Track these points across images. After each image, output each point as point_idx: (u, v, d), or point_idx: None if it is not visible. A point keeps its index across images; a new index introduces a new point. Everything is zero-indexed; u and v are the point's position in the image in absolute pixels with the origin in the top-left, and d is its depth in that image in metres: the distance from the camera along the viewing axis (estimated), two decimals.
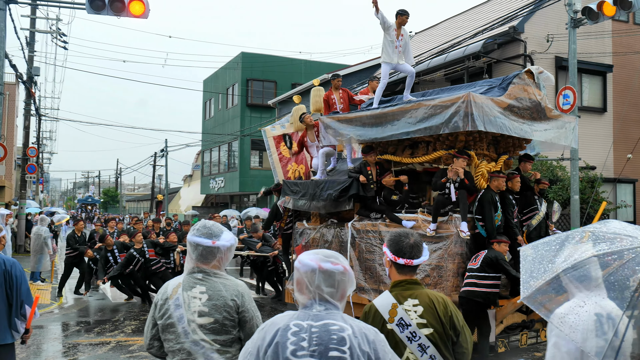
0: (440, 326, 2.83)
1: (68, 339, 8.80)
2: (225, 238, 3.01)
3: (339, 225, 8.74)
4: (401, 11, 8.33)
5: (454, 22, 21.96)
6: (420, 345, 2.81)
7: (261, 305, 11.56)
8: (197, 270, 2.98)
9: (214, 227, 3.02)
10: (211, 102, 37.01)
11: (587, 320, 2.72)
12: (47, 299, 12.20)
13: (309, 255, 2.33)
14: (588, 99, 16.22)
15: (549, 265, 2.76)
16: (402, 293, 2.90)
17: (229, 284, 2.99)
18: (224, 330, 2.91)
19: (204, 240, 2.95)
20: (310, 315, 2.26)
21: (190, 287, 2.94)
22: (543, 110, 7.58)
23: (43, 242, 13.92)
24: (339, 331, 2.20)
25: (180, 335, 2.88)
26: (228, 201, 37.77)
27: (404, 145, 8.14)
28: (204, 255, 2.96)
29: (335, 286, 2.28)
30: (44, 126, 45.28)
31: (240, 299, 2.96)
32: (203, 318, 2.89)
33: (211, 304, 2.90)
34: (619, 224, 2.87)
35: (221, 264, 3.02)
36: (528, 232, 7.70)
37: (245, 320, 2.96)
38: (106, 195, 77.76)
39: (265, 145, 11.35)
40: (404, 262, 2.88)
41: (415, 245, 2.91)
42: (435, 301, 2.89)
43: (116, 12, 10.52)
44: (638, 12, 16.66)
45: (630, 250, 2.62)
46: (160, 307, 2.98)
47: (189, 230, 3.06)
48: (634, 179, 16.58)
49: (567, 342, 2.76)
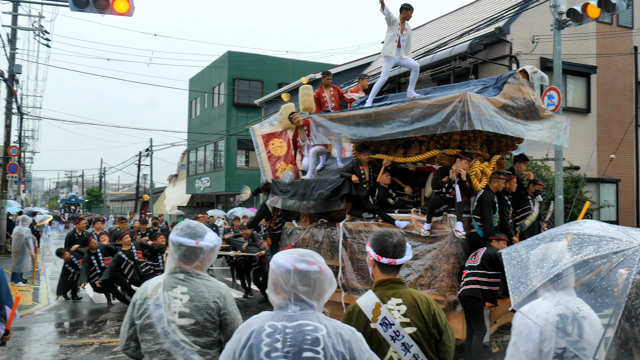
0: (424, 325, 2.84)
1: (50, 341, 8.68)
2: (209, 239, 2.98)
3: (329, 225, 8.68)
4: (406, 5, 8.14)
5: (441, 22, 22.04)
6: (404, 344, 2.81)
7: (247, 305, 11.49)
8: (179, 271, 2.94)
9: (197, 227, 2.99)
10: (197, 101, 36.80)
11: (548, 320, 2.72)
12: (28, 300, 12.02)
13: (284, 256, 2.32)
14: (572, 100, 16.36)
15: (537, 270, 2.75)
16: (386, 292, 2.90)
17: (211, 285, 2.95)
18: (204, 332, 2.87)
19: (187, 240, 2.91)
20: (285, 316, 2.26)
21: (171, 287, 2.90)
22: (537, 110, 7.60)
23: (24, 243, 13.75)
24: (313, 331, 2.20)
25: (160, 335, 2.84)
26: (214, 201, 37.59)
27: (397, 144, 8.07)
28: (186, 256, 2.93)
29: (311, 285, 2.27)
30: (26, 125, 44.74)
31: (222, 301, 2.93)
32: (184, 319, 2.85)
33: (192, 305, 2.86)
34: (599, 225, 2.87)
35: (204, 264, 2.98)
36: (521, 232, 7.74)
37: (227, 323, 2.93)
38: (90, 195, 77.07)
39: (254, 143, 11.19)
40: (387, 261, 2.88)
41: (399, 244, 2.91)
42: (419, 300, 2.88)
43: (100, 10, 10.35)
44: (622, 14, 16.83)
45: (618, 253, 2.61)
46: (139, 306, 2.92)
47: (172, 230, 3.02)
48: (617, 179, 16.77)
49: (526, 341, 2.78)
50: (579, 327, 2.70)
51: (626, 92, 17.17)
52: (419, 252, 7.11)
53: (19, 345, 8.30)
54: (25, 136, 41.27)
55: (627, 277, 2.51)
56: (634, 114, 17.18)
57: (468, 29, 15.34)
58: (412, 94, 8.26)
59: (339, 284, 8.15)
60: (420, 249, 7.11)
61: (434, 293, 6.84)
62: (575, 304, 2.73)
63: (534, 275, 2.75)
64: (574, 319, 2.71)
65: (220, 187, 31.89)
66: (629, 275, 2.50)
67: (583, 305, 2.71)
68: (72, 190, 70.03)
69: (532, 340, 2.75)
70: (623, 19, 17.40)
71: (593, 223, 2.91)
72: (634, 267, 2.50)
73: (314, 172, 9.26)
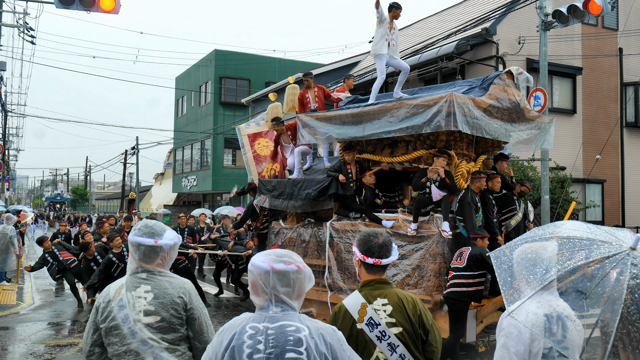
0: (410, 325, 2.84)
1: (34, 340, 8.60)
2: (168, 237, 3.00)
3: (316, 224, 8.67)
4: (395, 4, 8.18)
5: (428, 22, 22.09)
6: (390, 344, 2.82)
7: (234, 305, 11.46)
8: (140, 270, 2.96)
9: (155, 225, 3.01)
10: (184, 99, 36.61)
11: (535, 321, 2.73)
12: (12, 300, 11.90)
13: (261, 257, 2.33)
14: (558, 101, 16.48)
15: (530, 276, 2.75)
16: (372, 292, 2.90)
17: (174, 282, 2.98)
18: (171, 329, 2.87)
19: (146, 240, 2.94)
20: (266, 317, 2.26)
21: (134, 287, 2.91)
22: (522, 110, 7.64)
23: (9, 242, 13.58)
24: (295, 332, 2.21)
25: (127, 336, 2.83)
26: (200, 200, 37.44)
27: (384, 144, 8.07)
28: (147, 255, 2.95)
29: (291, 285, 2.29)
30: (10, 122, 44.28)
31: (187, 296, 2.95)
32: (149, 317, 2.85)
33: (157, 302, 2.87)
34: (585, 226, 2.88)
35: (165, 262, 3.01)
36: (507, 232, 7.76)
37: (194, 318, 2.94)
38: (75, 193, 76.36)
39: (240, 143, 11.14)
40: (373, 261, 2.88)
41: (384, 244, 2.91)
42: (405, 300, 2.89)
43: (86, 7, 10.26)
44: (607, 16, 16.97)
45: (610, 258, 2.61)
46: (103, 309, 2.92)
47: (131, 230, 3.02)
48: (603, 180, 16.92)
49: (516, 342, 2.78)
50: (563, 327, 2.71)
51: (611, 93, 17.32)
52: (406, 252, 7.12)
53: (3, 345, 8.22)
54: (9, 134, 40.83)
55: (616, 280, 2.51)
56: (619, 114, 17.33)
57: (455, 30, 15.39)
58: (398, 94, 8.28)
59: (325, 284, 8.14)
60: (407, 248, 7.13)
61: (421, 293, 6.86)
62: (558, 303, 2.74)
63: (527, 281, 2.75)
64: (558, 318, 2.72)
65: (207, 186, 31.76)
66: (620, 278, 2.50)
67: (565, 306, 2.73)
68: (58, 189, 69.33)
69: (523, 341, 2.75)
70: (608, 21, 17.55)
71: (578, 224, 2.91)
72: (627, 272, 2.51)
73: (300, 172, 9.26)
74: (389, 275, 7.21)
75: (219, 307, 11.34)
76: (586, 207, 15.63)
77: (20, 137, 50.83)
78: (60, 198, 60.11)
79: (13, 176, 56.10)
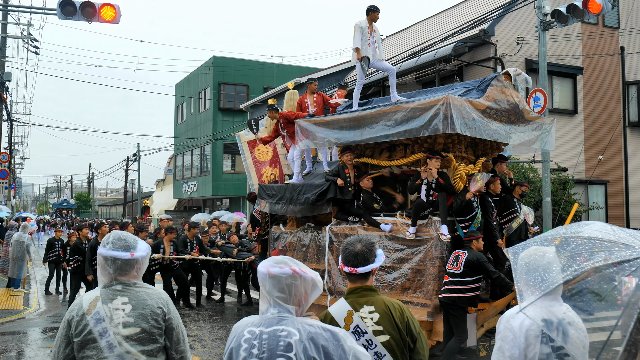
0: (397, 333, 2.77)
1: (40, 345, 8.61)
2: (141, 248, 2.98)
3: (316, 229, 8.66)
4: (373, 7, 8.27)
5: (425, 25, 22.06)
6: (377, 353, 2.74)
7: (239, 310, 11.45)
8: (115, 283, 2.91)
9: (128, 237, 2.97)
10: (183, 106, 36.68)
11: (530, 326, 2.68)
12: (19, 305, 12.07)
13: (264, 262, 2.38)
14: (559, 101, 16.39)
15: (546, 275, 2.70)
16: (358, 300, 2.84)
17: (152, 292, 2.96)
18: (151, 339, 2.84)
19: (122, 254, 2.90)
20: (264, 321, 2.31)
21: (110, 299, 2.86)
22: (521, 112, 7.58)
23: (25, 249, 13.80)
24: (286, 337, 2.24)
25: (104, 349, 2.77)
26: (201, 205, 37.47)
27: (382, 148, 8.05)
28: (122, 268, 2.91)
29: (285, 290, 2.31)
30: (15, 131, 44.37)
31: (166, 306, 2.94)
32: (128, 329, 2.81)
33: (137, 314, 2.84)
34: (610, 228, 2.79)
35: (139, 273, 2.99)
36: (508, 235, 7.68)
37: (172, 328, 2.93)
38: (79, 200, 76.58)
39: (240, 149, 11.20)
40: (349, 270, 2.84)
41: (360, 253, 2.82)
42: (392, 307, 2.81)
43: (87, 18, 10.60)
44: (607, 15, 16.89)
45: (632, 261, 2.52)
46: (77, 323, 2.83)
47: (101, 243, 2.95)
48: (606, 181, 16.77)
49: (511, 346, 2.75)
50: (564, 332, 2.65)
51: (613, 92, 17.21)
52: (405, 256, 7.06)
53: (10, 350, 8.23)
54: (15, 142, 40.97)
55: (637, 285, 2.43)
56: (622, 114, 17.21)
57: (452, 32, 15.34)
58: (395, 98, 8.23)
59: (324, 288, 8.09)
60: (406, 252, 7.08)
61: (421, 297, 6.79)
62: (561, 309, 2.68)
63: (528, 284, 2.72)
64: (559, 324, 2.66)
65: (207, 191, 31.78)
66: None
67: (569, 311, 2.66)
68: (64, 195, 69.46)
69: (518, 345, 2.72)
70: (609, 20, 17.45)
71: (602, 225, 2.81)
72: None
73: (300, 176, 9.27)
74: (388, 279, 7.15)
75: (222, 312, 11.33)
76: (589, 208, 15.49)
77: (25, 146, 51.02)
78: (67, 204, 60.23)
79: (19, 184, 56.30)
